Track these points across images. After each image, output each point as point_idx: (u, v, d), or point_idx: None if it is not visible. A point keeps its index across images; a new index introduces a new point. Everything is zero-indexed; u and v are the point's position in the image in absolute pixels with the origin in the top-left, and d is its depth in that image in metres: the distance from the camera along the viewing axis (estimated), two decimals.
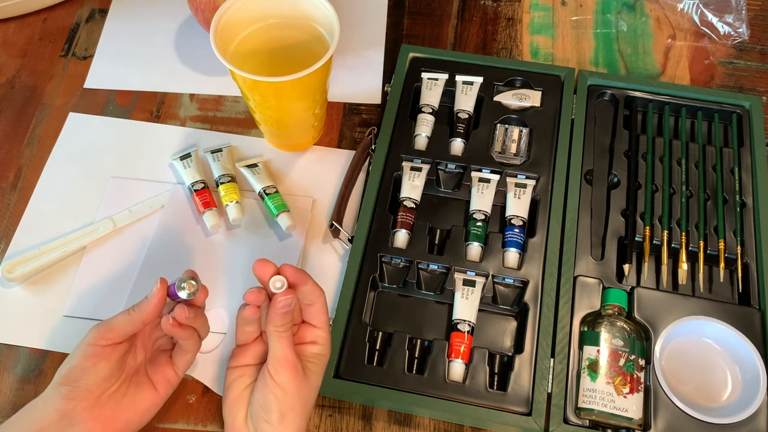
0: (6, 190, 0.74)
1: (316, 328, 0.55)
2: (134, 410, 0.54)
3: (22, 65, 0.84)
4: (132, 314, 0.54)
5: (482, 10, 0.88)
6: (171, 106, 0.80)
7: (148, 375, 0.56)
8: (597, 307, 0.64)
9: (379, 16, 0.87)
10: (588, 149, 0.73)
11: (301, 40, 0.71)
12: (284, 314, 0.52)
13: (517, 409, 0.59)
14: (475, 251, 0.67)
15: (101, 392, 0.53)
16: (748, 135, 0.73)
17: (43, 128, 0.79)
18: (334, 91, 0.81)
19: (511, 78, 0.77)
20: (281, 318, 0.52)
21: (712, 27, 0.84)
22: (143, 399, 0.55)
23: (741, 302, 0.65)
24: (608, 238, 0.68)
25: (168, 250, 0.70)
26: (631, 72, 0.83)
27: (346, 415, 0.63)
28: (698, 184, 0.70)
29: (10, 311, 0.67)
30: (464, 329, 0.62)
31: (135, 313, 0.54)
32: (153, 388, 0.56)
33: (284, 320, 0.52)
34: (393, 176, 0.71)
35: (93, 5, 0.89)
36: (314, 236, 0.71)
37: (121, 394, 0.54)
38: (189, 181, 0.72)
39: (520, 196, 0.69)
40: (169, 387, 0.57)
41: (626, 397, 0.58)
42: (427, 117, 0.74)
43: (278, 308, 0.52)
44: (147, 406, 0.55)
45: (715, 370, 0.61)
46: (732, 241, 0.67)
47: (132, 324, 0.54)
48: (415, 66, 0.78)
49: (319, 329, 0.55)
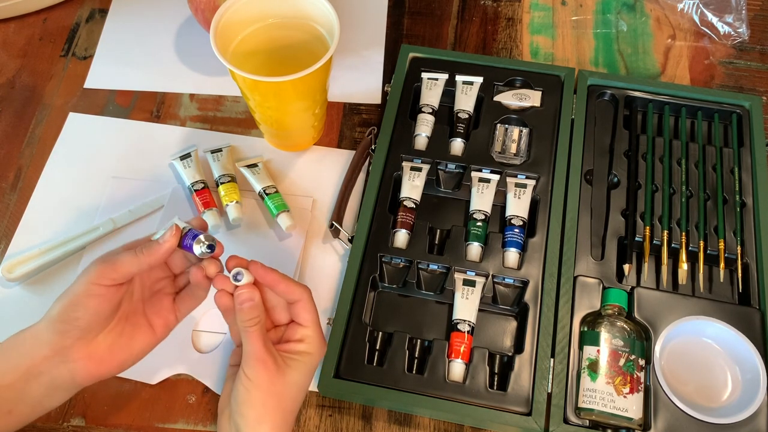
0: (6, 190, 0.74)
1: (302, 326, 0.54)
2: (129, 350, 0.53)
3: (22, 65, 0.84)
4: (140, 257, 0.51)
5: (482, 10, 0.88)
6: (171, 106, 0.80)
7: (147, 316, 0.55)
8: (597, 307, 0.64)
9: (379, 16, 0.87)
10: (588, 149, 0.73)
11: (301, 40, 0.71)
12: (249, 308, 0.51)
13: (517, 409, 0.59)
14: (475, 251, 0.67)
15: (98, 331, 0.51)
16: (748, 135, 0.73)
17: (43, 128, 0.79)
18: (334, 91, 0.81)
19: (511, 78, 0.77)
20: (247, 312, 0.51)
21: (712, 27, 0.84)
22: (140, 340, 0.54)
23: (741, 302, 0.65)
24: (608, 238, 0.68)
25: None
26: (631, 72, 0.83)
27: (346, 415, 0.63)
28: (698, 184, 0.70)
29: (10, 311, 0.67)
30: (464, 329, 0.62)
31: (143, 256, 0.51)
32: (150, 330, 0.54)
33: (250, 314, 0.51)
34: (393, 176, 0.71)
35: (93, 5, 0.89)
36: (314, 236, 0.71)
37: (117, 333, 0.52)
38: (189, 181, 0.72)
39: (520, 196, 0.69)
40: (167, 330, 0.56)
41: (626, 397, 0.58)
42: (427, 117, 0.74)
43: (239, 302, 0.51)
44: (142, 346, 0.54)
45: (715, 370, 0.61)
46: (732, 241, 0.67)
47: (138, 267, 0.51)
48: (415, 66, 0.78)
49: (305, 328, 0.54)
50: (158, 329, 0.55)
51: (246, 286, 0.52)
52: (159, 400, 0.63)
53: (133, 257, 0.51)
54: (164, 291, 0.56)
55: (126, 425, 0.62)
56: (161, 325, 0.55)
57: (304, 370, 0.53)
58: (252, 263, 0.53)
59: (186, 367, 0.64)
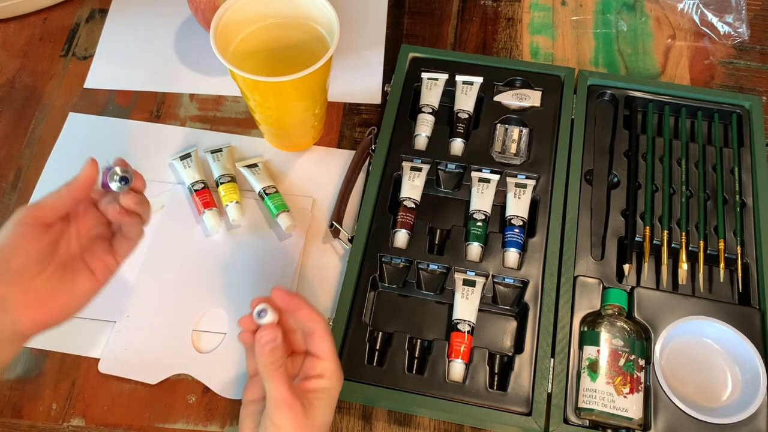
0: (6, 190, 0.74)
1: (320, 359, 0.51)
2: (72, 295, 0.53)
3: (22, 65, 0.84)
4: (60, 191, 0.52)
5: (482, 10, 0.88)
6: (171, 106, 0.80)
7: (86, 262, 0.54)
8: (597, 307, 0.64)
9: (379, 16, 0.87)
10: (588, 149, 0.73)
11: (301, 40, 0.71)
12: (271, 351, 0.49)
13: (517, 409, 0.59)
14: (475, 251, 0.67)
15: (34, 275, 0.50)
16: (748, 135, 0.73)
17: (43, 128, 0.79)
18: (334, 91, 0.81)
19: (511, 78, 0.77)
20: (268, 355, 0.49)
21: (712, 27, 0.84)
22: (81, 284, 0.54)
23: (741, 302, 0.65)
24: (608, 238, 0.68)
25: (168, 250, 0.70)
26: (631, 72, 0.83)
27: (346, 415, 0.63)
28: (698, 184, 0.70)
29: None
30: (464, 329, 0.62)
31: (63, 190, 0.52)
32: (91, 274, 0.54)
33: (272, 356, 0.49)
34: (393, 176, 0.71)
35: (93, 5, 0.89)
36: (314, 236, 0.71)
37: (57, 278, 0.52)
38: (189, 181, 0.72)
39: (520, 196, 0.69)
40: (108, 273, 0.56)
41: (626, 397, 0.58)
42: (427, 117, 0.74)
43: (262, 344, 0.49)
44: (85, 291, 0.54)
45: (715, 370, 0.61)
46: (732, 241, 0.67)
47: (61, 200, 0.52)
48: (415, 66, 0.78)
49: (323, 360, 0.51)
50: (99, 273, 0.54)
51: (268, 327, 0.50)
52: (159, 400, 0.63)
53: (55, 193, 0.52)
54: (101, 236, 0.56)
55: (126, 425, 0.62)
56: (101, 269, 0.55)
57: (329, 407, 0.52)
58: (275, 289, 0.51)
59: (186, 367, 0.64)
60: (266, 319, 0.50)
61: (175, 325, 0.66)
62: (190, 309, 0.67)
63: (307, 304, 0.52)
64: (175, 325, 0.66)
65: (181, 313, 0.66)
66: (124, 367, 0.64)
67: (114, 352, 0.64)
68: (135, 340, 0.65)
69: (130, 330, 0.65)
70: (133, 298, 0.67)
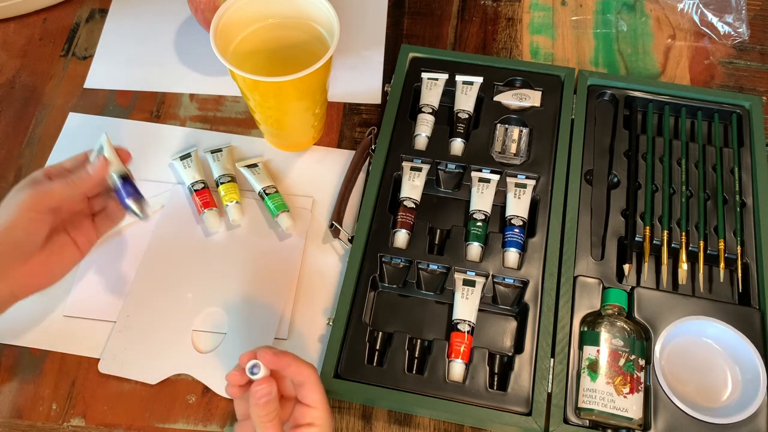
0: (6, 190, 0.74)
1: (311, 408, 0.52)
2: (59, 264, 0.60)
3: (22, 65, 0.84)
4: (72, 187, 0.58)
5: (482, 10, 0.88)
6: (171, 106, 0.80)
7: (70, 235, 0.60)
8: (597, 307, 0.64)
9: (379, 16, 0.87)
10: (588, 149, 0.73)
11: (301, 40, 0.71)
12: (266, 404, 0.50)
13: (517, 409, 0.59)
14: (475, 251, 0.67)
15: (36, 251, 0.57)
16: (748, 135, 0.73)
17: (43, 128, 0.79)
18: (334, 91, 0.81)
19: (511, 78, 0.77)
20: (263, 407, 0.50)
21: (712, 27, 0.84)
22: (67, 255, 0.60)
23: (741, 302, 0.65)
24: (608, 238, 0.68)
25: (168, 250, 0.70)
26: (631, 72, 0.83)
27: (346, 415, 0.63)
28: (698, 184, 0.70)
29: (10, 311, 0.66)
30: (464, 329, 0.62)
31: (75, 186, 0.58)
32: (75, 247, 0.61)
33: (267, 409, 0.50)
34: (393, 176, 0.71)
35: (93, 5, 0.89)
36: (314, 236, 0.71)
37: (48, 251, 0.58)
38: (189, 181, 0.72)
39: (520, 196, 0.69)
40: (90, 245, 0.62)
41: (626, 397, 0.58)
42: (427, 117, 0.74)
43: (257, 398, 0.50)
44: (70, 261, 0.61)
45: (715, 370, 0.61)
46: (732, 241, 0.67)
47: (72, 195, 0.58)
48: (415, 66, 0.78)
49: (314, 409, 0.52)
50: (82, 245, 0.61)
51: (263, 381, 0.50)
52: (159, 400, 0.63)
53: (66, 186, 0.58)
54: (83, 213, 0.62)
55: (126, 425, 0.62)
56: (84, 242, 0.61)
57: None
58: (260, 350, 0.51)
59: (186, 367, 0.64)
60: (260, 374, 0.50)
61: (175, 325, 0.66)
62: (190, 309, 0.67)
63: (295, 360, 0.52)
64: (175, 325, 0.66)
65: (181, 313, 0.66)
66: (124, 367, 0.64)
67: (114, 352, 0.64)
68: (135, 340, 0.65)
69: (130, 330, 0.65)
70: (133, 298, 0.67)
